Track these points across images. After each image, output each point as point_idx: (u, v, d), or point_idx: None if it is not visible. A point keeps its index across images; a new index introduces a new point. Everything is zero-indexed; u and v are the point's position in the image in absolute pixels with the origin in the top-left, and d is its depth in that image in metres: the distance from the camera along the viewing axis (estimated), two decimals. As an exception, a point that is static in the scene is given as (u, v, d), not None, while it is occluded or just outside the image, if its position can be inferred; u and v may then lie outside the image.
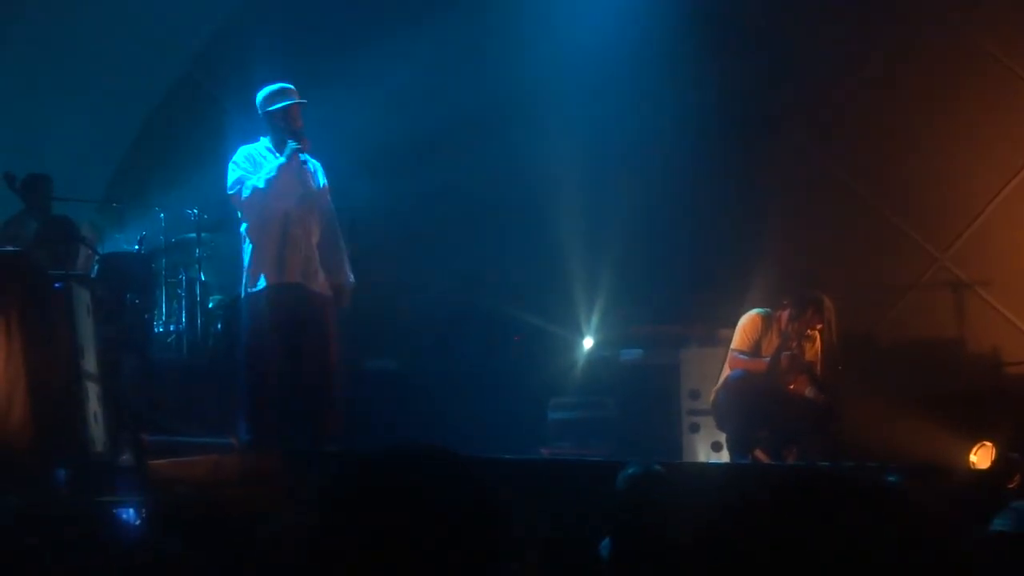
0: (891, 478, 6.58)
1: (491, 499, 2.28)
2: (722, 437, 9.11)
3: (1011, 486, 8.22)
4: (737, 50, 11.24)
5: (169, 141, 11.73)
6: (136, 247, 9.72)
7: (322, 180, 7.91)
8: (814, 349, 8.75)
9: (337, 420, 7.77)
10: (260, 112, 7.78)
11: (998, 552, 4.90)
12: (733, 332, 8.93)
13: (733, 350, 8.77)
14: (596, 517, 5.83)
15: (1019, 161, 10.95)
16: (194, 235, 9.95)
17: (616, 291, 11.00)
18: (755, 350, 8.70)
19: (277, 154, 7.69)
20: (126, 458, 7.15)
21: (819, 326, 8.63)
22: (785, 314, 8.71)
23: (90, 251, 9.12)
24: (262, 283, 7.57)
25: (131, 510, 5.35)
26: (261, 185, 7.54)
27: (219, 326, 10.04)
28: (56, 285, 7.50)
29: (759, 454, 8.59)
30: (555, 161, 10.98)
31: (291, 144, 7.64)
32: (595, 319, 11.04)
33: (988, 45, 11.07)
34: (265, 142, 7.75)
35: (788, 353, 8.64)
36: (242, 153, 7.72)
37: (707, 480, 7.62)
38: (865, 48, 11.27)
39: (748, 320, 8.80)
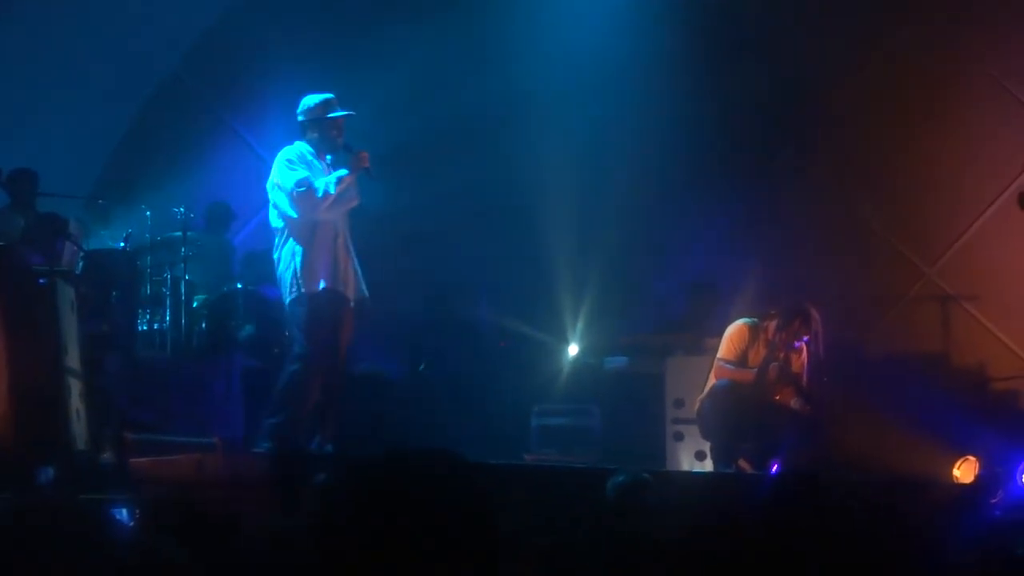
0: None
1: (489, 501, 2.28)
2: (706, 446, 9.10)
3: (994, 501, 8.24)
4: (730, 62, 11.24)
5: (157, 139, 11.70)
6: (121, 244, 9.67)
7: None
8: (800, 360, 8.74)
9: (336, 423, 7.91)
10: (305, 118, 7.80)
11: None
12: (719, 341, 8.92)
13: (719, 360, 8.76)
14: (583, 523, 5.82)
15: (1008, 176, 10.96)
16: (180, 233, 9.91)
17: (602, 298, 10.98)
18: (741, 360, 8.68)
19: (320, 161, 7.69)
20: (108, 456, 7.11)
21: (806, 337, 8.62)
22: (772, 324, 8.70)
23: (75, 247, 9.07)
24: (322, 285, 7.65)
25: (115, 509, 5.32)
26: (332, 191, 7.56)
27: (203, 325, 10.00)
28: (40, 281, 7.45)
29: (743, 464, 8.58)
30: (544, 167, 10.97)
31: (353, 157, 7.68)
32: (580, 326, 11.02)
33: (980, 62, 11.09)
34: (304, 147, 7.77)
35: (776, 364, 8.63)
36: (294, 153, 7.74)
37: (692, 489, 7.61)
38: (856, 63, 11.27)
39: (735, 330, 8.78)
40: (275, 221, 7.79)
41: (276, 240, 7.82)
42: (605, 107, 11.21)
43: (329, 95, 7.86)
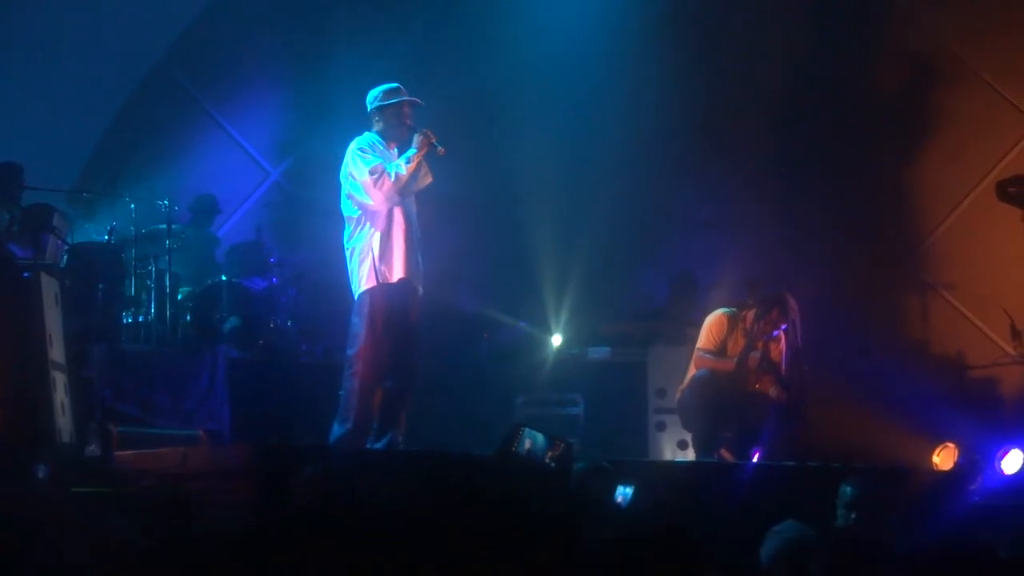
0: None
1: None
2: (688, 436, 9.15)
3: (972, 488, 8.31)
4: (716, 53, 11.31)
5: (141, 132, 11.69)
6: (106, 238, 9.68)
7: None
8: (779, 349, 8.78)
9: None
10: (371, 108, 7.85)
11: None
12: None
13: (699, 349, 8.79)
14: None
15: (985, 166, 11.05)
16: (164, 226, 9.92)
17: (585, 289, 11.03)
18: (721, 350, 8.73)
19: (389, 150, 7.77)
20: (93, 449, 7.14)
21: (784, 325, 8.67)
22: (750, 314, 8.73)
23: (60, 241, 9.10)
24: (398, 274, 7.65)
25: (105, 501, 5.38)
26: (403, 171, 7.60)
27: (188, 318, 10.02)
28: (25, 274, 7.49)
29: (724, 453, 8.63)
30: (526, 157, 11.00)
31: (417, 135, 7.71)
32: (564, 317, 11.07)
33: (957, 51, 11.17)
34: (374, 136, 7.82)
35: (756, 353, 8.68)
36: (365, 142, 7.76)
37: (666, 477, 7.67)
38: (837, 55, 11.33)
39: (714, 320, 8.82)
40: (349, 210, 7.74)
41: (348, 230, 7.75)
42: (588, 97, 11.25)
43: (394, 84, 7.89)
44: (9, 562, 4.43)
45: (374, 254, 7.63)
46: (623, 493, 5.99)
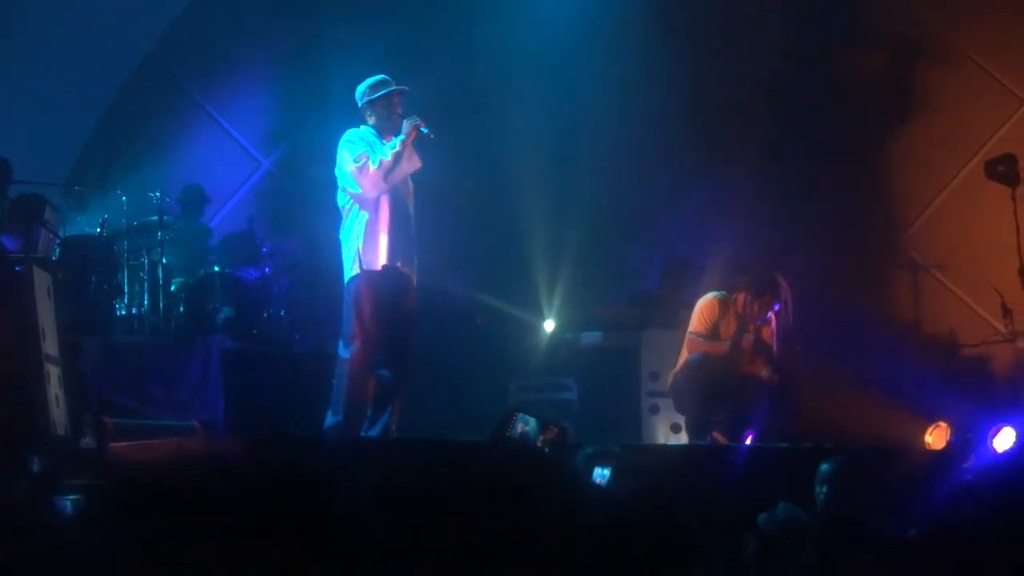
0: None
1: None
2: (681, 419, 9.18)
3: (965, 466, 8.33)
4: (706, 37, 11.32)
5: (132, 124, 11.69)
6: (98, 230, 9.69)
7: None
8: (770, 330, 8.81)
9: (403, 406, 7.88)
10: (361, 103, 7.93)
11: None
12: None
13: (691, 333, 8.81)
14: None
15: (974, 145, 11.08)
16: (156, 218, 9.94)
17: (578, 273, 11.05)
18: (713, 333, 8.75)
19: (384, 142, 7.81)
20: (88, 441, 7.16)
21: (776, 307, 8.68)
22: (742, 296, 8.75)
23: (51, 234, 9.10)
24: (383, 262, 7.70)
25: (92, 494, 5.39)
26: (388, 158, 7.65)
27: (181, 308, 10.04)
28: (16, 268, 7.50)
29: (718, 436, 8.65)
30: (518, 141, 11.01)
31: (406, 121, 7.77)
32: (556, 301, 11.09)
33: (944, 31, 11.19)
34: (367, 129, 7.89)
35: (749, 335, 8.70)
36: (355, 134, 7.86)
37: (663, 461, 7.70)
38: (823, 38, 11.35)
39: (705, 303, 8.84)
40: (343, 201, 7.83)
41: (341, 220, 7.84)
42: (580, 82, 11.26)
43: (381, 76, 7.96)
44: (6, 556, 4.45)
45: (359, 242, 7.70)
46: (601, 474, 6.04)
